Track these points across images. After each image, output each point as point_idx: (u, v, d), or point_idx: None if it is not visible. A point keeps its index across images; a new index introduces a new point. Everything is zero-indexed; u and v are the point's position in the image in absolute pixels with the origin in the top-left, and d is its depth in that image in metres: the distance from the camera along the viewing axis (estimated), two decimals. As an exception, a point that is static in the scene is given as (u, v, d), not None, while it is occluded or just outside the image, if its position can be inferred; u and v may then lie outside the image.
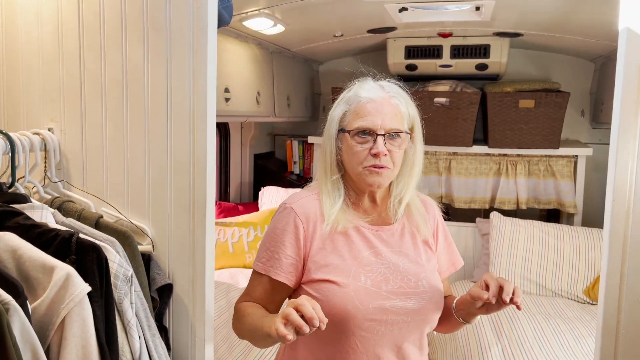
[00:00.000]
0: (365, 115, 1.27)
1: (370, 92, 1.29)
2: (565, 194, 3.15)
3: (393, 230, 1.33)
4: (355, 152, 1.27)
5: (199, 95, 1.28)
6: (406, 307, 1.24)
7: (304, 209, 1.30)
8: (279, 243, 1.28)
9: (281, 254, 1.27)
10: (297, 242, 1.28)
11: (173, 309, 1.36)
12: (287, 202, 1.32)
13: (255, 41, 2.81)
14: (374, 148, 1.25)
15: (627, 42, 1.05)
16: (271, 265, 1.28)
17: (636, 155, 1.05)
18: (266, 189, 3.38)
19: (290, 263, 1.27)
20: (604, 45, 2.93)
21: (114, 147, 1.36)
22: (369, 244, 1.30)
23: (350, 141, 1.28)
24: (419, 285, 1.27)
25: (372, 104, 1.28)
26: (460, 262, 1.46)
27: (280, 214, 1.32)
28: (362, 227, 1.31)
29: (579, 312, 2.51)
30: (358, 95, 1.30)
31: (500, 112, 3.09)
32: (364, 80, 1.34)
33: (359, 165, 1.27)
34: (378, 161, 1.26)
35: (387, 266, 1.28)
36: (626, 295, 1.07)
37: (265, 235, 1.33)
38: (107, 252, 1.18)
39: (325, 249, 1.27)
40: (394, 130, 1.27)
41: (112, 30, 1.32)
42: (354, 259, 1.27)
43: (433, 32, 3.06)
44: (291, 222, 1.28)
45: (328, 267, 1.25)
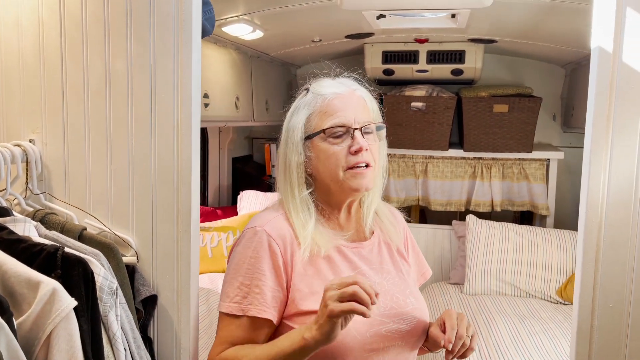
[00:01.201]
0: (336, 112, 1.15)
1: (333, 88, 1.19)
2: (538, 196, 3.23)
3: (371, 245, 1.24)
4: (332, 153, 1.14)
5: (183, 106, 1.29)
6: (400, 329, 1.15)
7: (278, 231, 1.15)
8: (257, 273, 1.11)
9: (262, 286, 1.11)
10: (277, 270, 1.12)
11: (158, 319, 1.36)
12: (255, 225, 1.16)
13: (233, 46, 2.81)
14: (354, 145, 1.13)
15: (598, 60, 1.10)
16: (250, 302, 1.11)
17: (607, 168, 1.10)
18: (245, 193, 3.38)
19: (274, 296, 1.11)
20: (574, 52, 3.01)
21: (96, 158, 1.35)
22: (351, 264, 1.19)
23: (323, 144, 1.15)
24: (407, 302, 1.19)
25: (340, 98, 1.16)
26: (429, 271, 1.39)
27: (249, 239, 1.15)
28: (342, 246, 1.20)
29: (552, 313, 2.59)
30: (320, 93, 1.19)
31: (475, 117, 3.16)
32: (318, 80, 1.24)
33: (338, 169, 1.14)
34: (360, 158, 1.14)
35: None
36: (599, 301, 1.12)
37: (233, 267, 1.15)
38: (92, 265, 1.18)
39: (307, 274, 1.14)
40: (368, 124, 1.16)
41: (94, 41, 1.32)
42: None
43: (410, 37, 3.11)
44: (265, 247, 1.13)
45: (314, 296, 1.11)
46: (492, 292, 2.87)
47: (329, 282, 1.01)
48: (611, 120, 1.08)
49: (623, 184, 1.09)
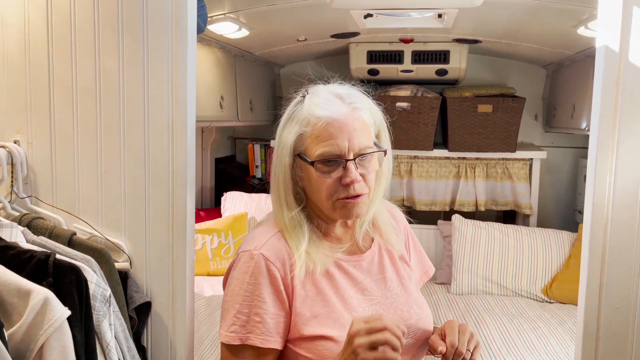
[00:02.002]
0: (328, 139, 1.05)
1: (329, 109, 1.06)
2: (522, 196, 3.26)
3: (372, 255, 1.18)
4: (322, 184, 1.06)
5: (178, 105, 1.24)
6: (405, 344, 1.07)
7: (276, 252, 1.08)
8: (256, 300, 1.05)
9: (263, 314, 1.05)
10: (278, 295, 1.06)
11: (152, 327, 1.31)
12: (250, 248, 1.09)
13: (218, 45, 2.76)
14: (346, 177, 1.05)
15: (604, 59, 1.09)
16: (250, 330, 1.04)
17: (614, 168, 1.10)
18: (229, 194, 3.33)
19: (277, 322, 1.05)
20: (556, 52, 3.05)
21: (86, 160, 1.30)
22: (352, 280, 1.13)
23: (314, 172, 1.06)
24: (412, 313, 1.15)
25: (335, 123, 1.05)
26: (432, 268, 1.35)
27: (245, 264, 1.07)
28: (340, 260, 1.14)
29: (539, 311, 2.60)
30: (314, 114, 1.06)
31: (459, 117, 3.17)
32: (315, 92, 1.11)
33: (328, 199, 1.08)
34: (352, 191, 1.06)
35: (376, 302, 1.13)
36: (605, 302, 1.12)
37: (230, 294, 1.08)
38: (84, 272, 1.13)
39: (309, 296, 1.08)
40: (364, 150, 1.07)
41: (83, 38, 1.26)
42: (343, 302, 1.09)
43: (395, 37, 3.10)
44: (264, 271, 1.06)
45: (317, 319, 1.06)
46: (479, 291, 2.88)
47: (354, 326, 0.95)
48: (617, 120, 1.08)
49: (629, 185, 1.09)
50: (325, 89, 1.11)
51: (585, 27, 2.29)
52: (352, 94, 1.11)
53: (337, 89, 1.11)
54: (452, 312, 2.60)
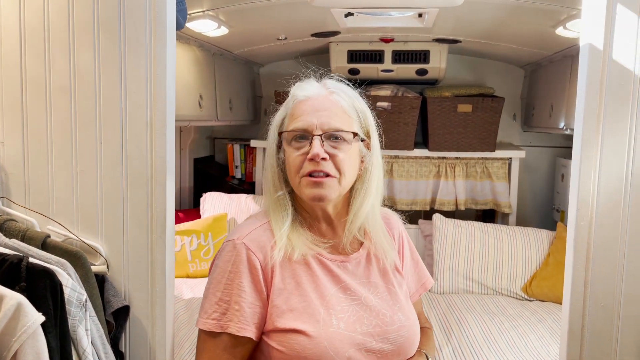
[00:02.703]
0: (300, 115, 1.10)
1: (308, 90, 1.14)
2: (501, 195, 3.28)
3: (359, 258, 1.18)
4: (293, 158, 1.10)
5: (157, 104, 1.21)
6: (383, 349, 1.09)
7: (258, 243, 1.10)
8: (236, 288, 1.06)
9: (242, 302, 1.06)
10: (257, 285, 1.07)
11: (130, 332, 1.27)
12: (234, 237, 1.11)
13: (197, 43, 2.72)
14: (310, 151, 1.08)
15: (588, 57, 1.09)
16: (230, 318, 1.06)
17: (598, 166, 1.10)
18: (208, 195, 3.27)
19: (253, 312, 1.07)
20: (534, 53, 3.08)
21: (60, 160, 1.25)
22: (334, 278, 1.13)
23: (288, 147, 1.11)
24: (395, 320, 1.13)
25: (309, 102, 1.11)
26: (430, 280, 1.31)
27: (228, 252, 1.09)
28: (323, 257, 1.14)
29: (519, 309, 2.62)
30: (295, 95, 1.15)
31: (440, 117, 3.17)
32: (304, 79, 1.19)
33: (296, 175, 1.10)
34: (316, 166, 1.07)
35: (358, 303, 1.12)
36: (590, 300, 1.12)
37: (212, 282, 1.10)
38: (59, 275, 1.08)
39: (286, 289, 1.08)
40: (334, 130, 1.08)
41: (57, 33, 1.22)
42: (321, 299, 1.09)
43: (375, 37, 3.09)
44: (244, 260, 1.08)
45: (293, 313, 1.07)
46: (460, 290, 2.88)
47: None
48: (601, 118, 1.08)
49: (614, 183, 1.09)
50: (313, 78, 1.18)
51: (564, 27, 2.31)
52: (336, 83, 1.17)
53: (325, 79, 1.18)
54: (434, 311, 2.61)
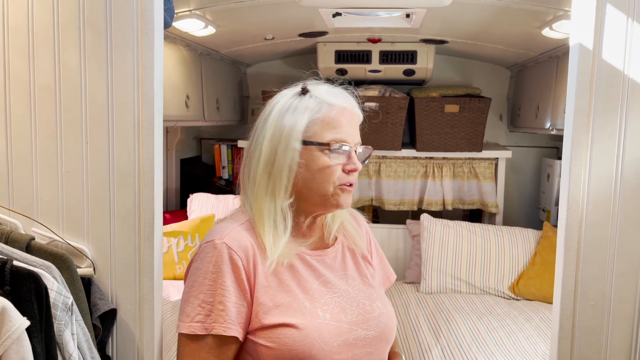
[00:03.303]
0: (340, 127, 1.10)
1: (343, 99, 1.14)
2: (488, 195, 3.30)
3: (335, 252, 1.20)
4: (328, 167, 1.09)
5: (144, 103, 1.19)
6: (368, 336, 1.12)
7: (239, 242, 1.09)
8: (219, 289, 1.05)
9: (226, 302, 1.05)
10: (240, 284, 1.06)
11: (117, 336, 1.25)
12: (214, 238, 1.09)
13: (183, 42, 2.69)
14: (350, 164, 1.11)
15: (578, 57, 1.10)
16: (214, 319, 1.04)
17: (588, 166, 1.10)
18: (195, 196, 3.25)
19: (238, 312, 1.06)
20: (520, 53, 3.10)
21: (45, 161, 1.23)
22: (315, 273, 1.15)
23: (321, 155, 1.10)
24: (374, 307, 1.16)
25: (346, 113, 1.12)
26: (393, 274, 1.37)
27: (209, 253, 1.08)
28: (304, 254, 1.15)
29: (506, 309, 2.64)
30: (328, 102, 1.12)
31: (427, 117, 3.18)
32: (319, 84, 1.16)
33: (329, 184, 1.10)
34: (353, 178, 1.13)
35: (339, 294, 1.14)
36: (580, 299, 1.12)
37: (193, 285, 1.07)
38: (44, 279, 1.06)
39: (271, 286, 1.08)
40: (361, 145, 1.17)
41: (42, 31, 1.19)
42: (305, 293, 1.11)
43: (363, 37, 3.09)
44: (227, 260, 1.06)
45: (279, 308, 1.07)
46: (448, 290, 2.89)
47: None
48: (591, 117, 1.08)
49: (603, 182, 1.10)
50: (328, 84, 1.17)
51: (550, 28, 2.33)
52: (352, 98, 1.19)
53: (338, 88, 1.18)
54: (422, 311, 2.61)
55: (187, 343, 1.07)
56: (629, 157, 1.09)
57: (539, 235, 2.98)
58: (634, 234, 1.11)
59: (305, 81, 1.18)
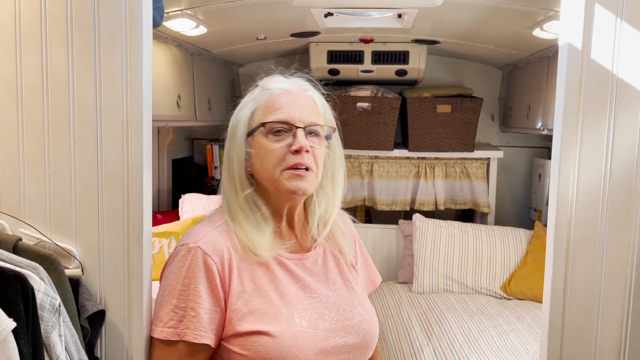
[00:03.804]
0: (280, 108, 1.09)
1: (283, 84, 1.13)
2: (480, 195, 3.31)
3: (316, 255, 1.18)
4: (272, 150, 1.07)
5: (133, 102, 1.18)
6: (347, 343, 1.10)
7: (214, 246, 1.06)
8: (192, 294, 1.03)
9: (198, 308, 1.03)
10: (214, 289, 1.04)
11: (106, 337, 1.24)
12: (188, 241, 1.07)
13: (175, 42, 2.68)
14: (295, 143, 1.06)
15: (567, 57, 1.10)
16: (187, 325, 1.03)
17: (577, 166, 1.11)
18: (187, 197, 3.23)
19: (211, 318, 1.03)
20: (511, 54, 3.11)
21: (32, 160, 1.21)
22: (294, 277, 1.12)
23: (264, 140, 1.08)
24: (355, 314, 1.14)
25: (287, 95, 1.10)
26: (378, 277, 1.34)
27: (182, 257, 1.06)
28: (282, 257, 1.12)
29: (498, 308, 2.64)
30: (268, 87, 1.13)
31: (419, 117, 3.19)
32: (272, 76, 1.18)
33: (276, 168, 1.07)
34: (300, 159, 1.06)
35: (318, 300, 1.11)
36: (570, 298, 1.13)
37: (167, 289, 1.06)
38: (31, 280, 1.05)
39: (246, 291, 1.06)
40: (314, 125, 1.09)
41: (29, 29, 1.18)
42: (282, 299, 1.08)
43: (355, 37, 3.09)
44: (201, 265, 1.04)
45: (254, 315, 1.04)
46: (440, 290, 2.90)
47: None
48: (580, 117, 1.09)
49: (592, 181, 1.10)
50: (279, 75, 1.17)
51: (541, 28, 2.34)
52: (304, 81, 1.16)
53: (292, 77, 1.17)
54: (414, 311, 2.61)
55: (159, 347, 1.07)
56: (617, 156, 1.10)
57: (531, 234, 2.99)
58: (623, 233, 1.12)
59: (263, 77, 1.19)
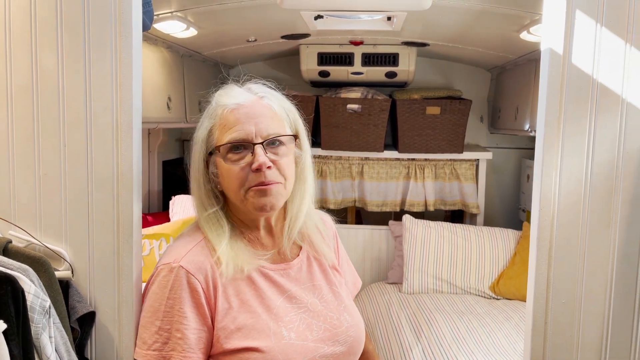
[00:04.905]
0: (235, 125, 1.04)
1: (236, 97, 1.08)
2: (469, 196, 3.34)
3: (300, 263, 1.16)
4: (232, 172, 1.04)
5: (123, 105, 1.19)
6: (335, 352, 1.09)
7: (197, 264, 1.04)
8: (177, 316, 1.01)
9: (184, 329, 1.00)
10: (199, 309, 1.02)
11: (96, 339, 1.24)
12: (170, 261, 1.04)
13: (165, 44, 2.69)
14: (254, 162, 1.03)
15: (549, 61, 1.12)
16: (172, 347, 1.00)
17: (559, 168, 1.13)
18: (177, 198, 3.24)
19: (199, 337, 1.01)
20: (500, 56, 3.14)
21: (22, 163, 1.22)
22: (279, 288, 1.10)
23: (223, 162, 1.05)
24: (342, 321, 1.14)
25: (241, 109, 1.05)
26: (359, 280, 1.33)
27: (164, 277, 1.03)
28: (266, 268, 1.11)
29: (487, 308, 2.67)
30: (222, 103, 1.08)
31: (409, 119, 3.22)
32: (226, 87, 1.14)
33: (240, 188, 1.04)
34: (263, 177, 1.03)
35: (305, 310, 1.11)
36: (552, 298, 1.15)
37: (150, 310, 1.03)
38: (21, 282, 1.06)
39: (232, 307, 1.04)
40: (274, 136, 1.05)
41: (18, 32, 1.19)
42: (269, 312, 1.06)
43: (345, 39, 3.11)
44: (184, 284, 1.01)
45: (241, 331, 1.03)
46: (430, 290, 2.92)
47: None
48: (562, 120, 1.11)
49: (573, 183, 1.13)
50: (234, 84, 1.13)
51: (528, 31, 2.37)
52: (261, 87, 1.13)
53: (247, 84, 1.13)
54: (404, 312, 2.63)
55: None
56: (598, 158, 1.12)
57: (519, 235, 3.02)
58: (604, 233, 1.14)
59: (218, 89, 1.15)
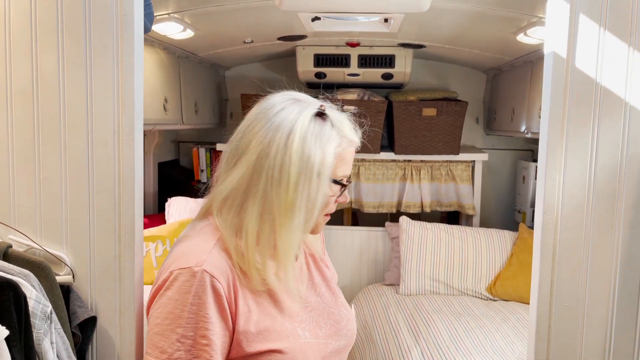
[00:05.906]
0: (349, 162, 1.12)
1: (354, 135, 1.13)
2: (465, 197, 3.35)
3: (300, 263, 1.19)
4: (328, 201, 1.09)
5: (125, 109, 1.18)
6: (339, 346, 1.14)
7: (219, 268, 1.02)
8: (202, 322, 0.98)
9: (210, 335, 0.98)
10: (223, 313, 1.00)
11: (97, 343, 1.23)
12: (190, 265, 1.00)
13: (161, 45, 2.67)
14: (342, 197, 1.12)
15: (553, 65, 1.13)
16: (196, 355, 0.98)
17: (562, 171, 1.13)
18: (173, 200, 3.22)
19: (223, 342, 1.00)
20: (495, 58, 3.16)
21: (22, 166, 1.21)
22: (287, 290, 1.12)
23: (331, 188, 1.07)
24: (342, 316, 1.17)
25: (354, 149, 1.13)
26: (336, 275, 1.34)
27: (186, 282, 0.99)
28: None
29: (484, 309, 2.68)
30: (348, 137, 1.10)
31: (405, 120, 3.22)
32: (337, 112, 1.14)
33: (321, 214, 1.09)
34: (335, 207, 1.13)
35: (311, 308, 1.14)
36: (556, 301, 1.15)
37: (167, 315, 0.99)
38: (22, 287, 1.05)
39: (252, 311, 1.04)
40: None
41: (19, 35, 1.18)
42: (283, 314, 1.08)
43: (341, 41, 3.11)
44: (209, 290, 0.99)
45: (262, 334, 1.03)
46: (427, 291, 2.93)
47: None
48: (565, 123, 1.12)
49: (577, 186, 1.13)
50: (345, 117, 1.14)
51: (524, 34, 2.38)
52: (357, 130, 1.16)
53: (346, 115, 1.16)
54: (402, 313, 2.63)
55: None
56: (601, 162, 1.13)
57: (515, 236, 3.03)
58: (607, 236, 1.15)
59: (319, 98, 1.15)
